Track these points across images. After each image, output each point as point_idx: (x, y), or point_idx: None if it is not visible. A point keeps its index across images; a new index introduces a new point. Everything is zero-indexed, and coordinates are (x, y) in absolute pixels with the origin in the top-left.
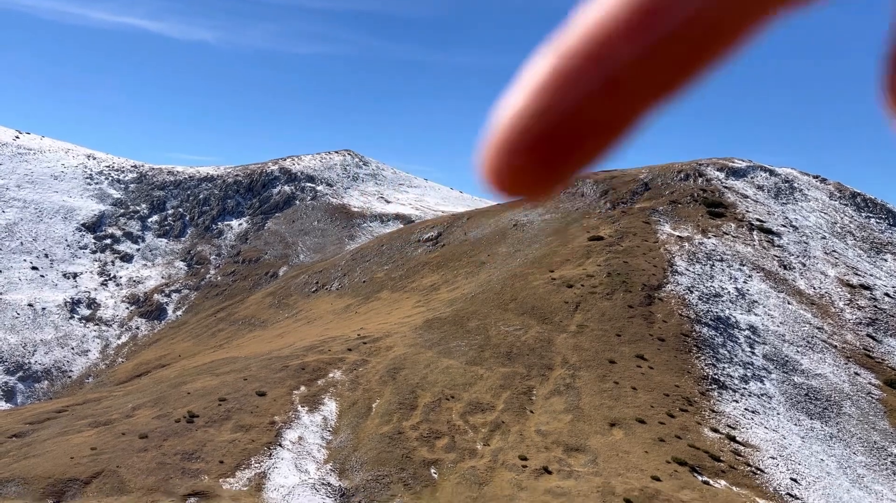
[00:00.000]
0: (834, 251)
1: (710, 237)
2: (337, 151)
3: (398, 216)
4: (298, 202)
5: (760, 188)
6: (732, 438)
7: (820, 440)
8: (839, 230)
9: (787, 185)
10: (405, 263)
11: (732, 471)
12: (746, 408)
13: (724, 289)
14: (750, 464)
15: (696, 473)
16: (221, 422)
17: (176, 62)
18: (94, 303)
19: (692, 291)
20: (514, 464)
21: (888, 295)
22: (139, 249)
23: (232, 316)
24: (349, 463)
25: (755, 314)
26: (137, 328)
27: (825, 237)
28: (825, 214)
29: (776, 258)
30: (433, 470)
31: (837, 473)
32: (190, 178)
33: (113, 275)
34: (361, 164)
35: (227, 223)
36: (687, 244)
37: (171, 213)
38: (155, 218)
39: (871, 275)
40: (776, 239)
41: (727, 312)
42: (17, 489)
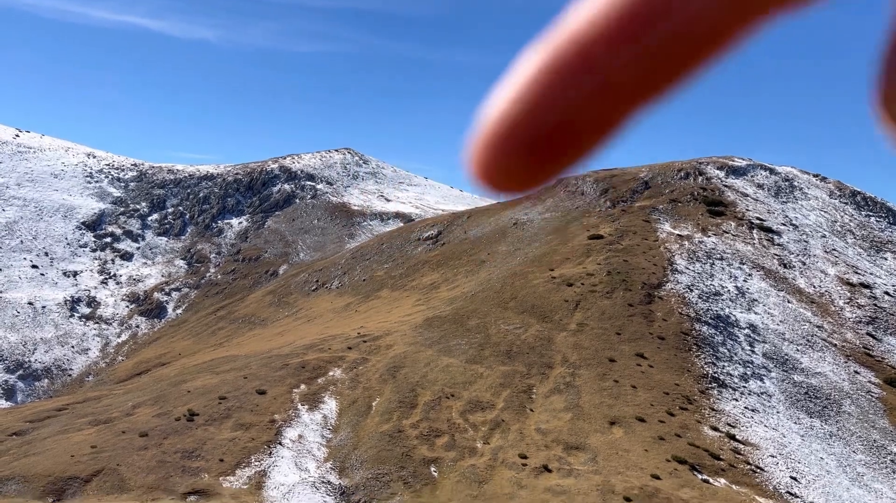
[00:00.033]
0: (834, 250)
1: (710, 236)
2: (337, 150)
3: (398, 214)
4: (298, 201)
5: (760, 187)
6: (732, 437)
7: (820, 438)
8: (839, 229)
9: (787, 183)
10: (405, 262)
11: (732, 470)
12: (746, 407)
13: (723, 288)
14: (750, 463)
15: (695, 472)
16: (221, 421)
17: (176, 61)
18: (94, 302)
19: (692, 290)
20: (513, 463)
21: (888, 293)
22: (139, 248)
23: (232, 314)
24: (349, 461)
25: (755, 312)
26: (137, 326)
27: (825, 236)
28: (825, 213)
29: (776, 257)
30: (433, 468)
31: (837, 471)
32: (190, 176)
33: (113, 274)
34: (361, 162)
35: (227, 221)
36: (687, 243)
37: (171, 211)
38: (155, 216)
39: (870, 274)
40: (776, 237)
41: (727, 311)
42: (17, 487)
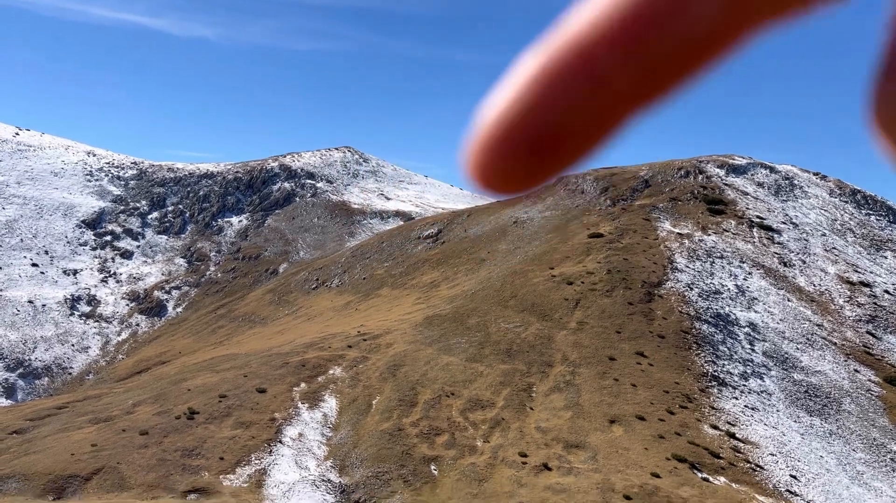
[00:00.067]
0: (834, 248)
1: (710, 234)
2: (337, 148)
3: (398, 213)
4: (298, 199)
5: (760, 185)
6: (732, 435)
7: (819, 437)
8: (839, 227)
9: (787, 182)
10: (405, 260)
11: (732, 468)
12: (746, 405)
13: (723, 287)
14: (749, 461)
15: (695, 470)
16: (222, 419)
17: (176, 59)
18: (94, 300)
19: (692, 288)
20: (513, 461)
21: (888, 292)
22: (139, 246)
23: (232, 312)
24: (349, 459)
25: (755, 311)
26: (137, 325)
27: (825, 234)
28: (825, 211)
29: (776, 255)
30: (433, 466)
31: (837, 470)
32: (190, 174)
33: (113, 272)
34: (361, 160)
35: (227, 220)
36: (687, 241)
37: (171, 209)
38: (155, 215)
39: (870, 273)
40: (776, 236)
41: (727, 309)
42: (17, 485)
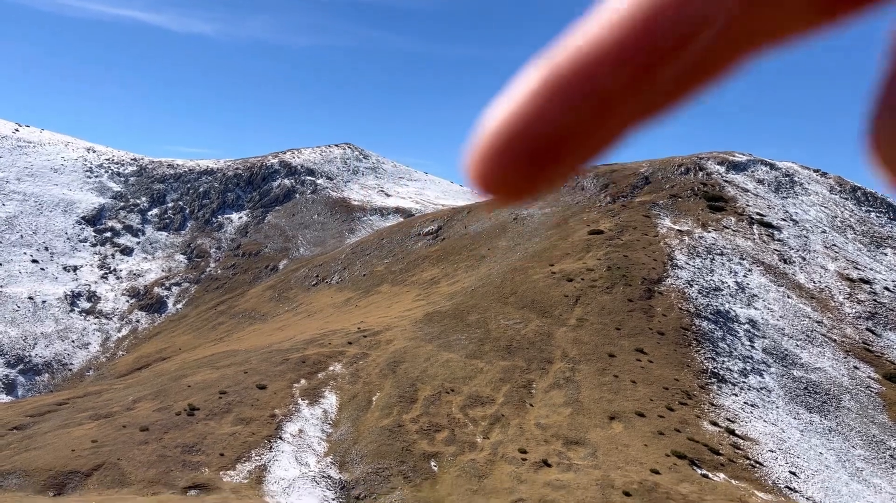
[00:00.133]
0: (834, 245)
1: (710, 231)
2: (337, 145)
3: (398, 210)
4: (298, 195)
5: (761, 182)
6: (732, 432)
7: (819, 433)
8: (839, 224)
9: (787, 178)
10: (405, 257)
11: (731, 465)
12: (746, 402)
13: (723, 283)
14: (749, 458)
15: (695, 466)
16: (222, 415)
17: (175, 55)
18: (94, 297)
19: (692, 285)
20: (513, 457)
21: (888, 289)
22: (139, 242)
23: (232, 309)
24: (349, 456)
25: (755, 308)
26: (138, 321)
27: (825, 231)
28: (825, 208)
29: (776, 252)
30: (433, 463)
31: (836, 466)
32: (190, 171)
33: (113, 269)
34: (361, 157)
35: (227, 216)
36: (687, 238)
37: (171, 206)
38: (155, 211)
39: (870, 270)
40: (776, 233)
41: (727, 306)
42: (18, 481)
